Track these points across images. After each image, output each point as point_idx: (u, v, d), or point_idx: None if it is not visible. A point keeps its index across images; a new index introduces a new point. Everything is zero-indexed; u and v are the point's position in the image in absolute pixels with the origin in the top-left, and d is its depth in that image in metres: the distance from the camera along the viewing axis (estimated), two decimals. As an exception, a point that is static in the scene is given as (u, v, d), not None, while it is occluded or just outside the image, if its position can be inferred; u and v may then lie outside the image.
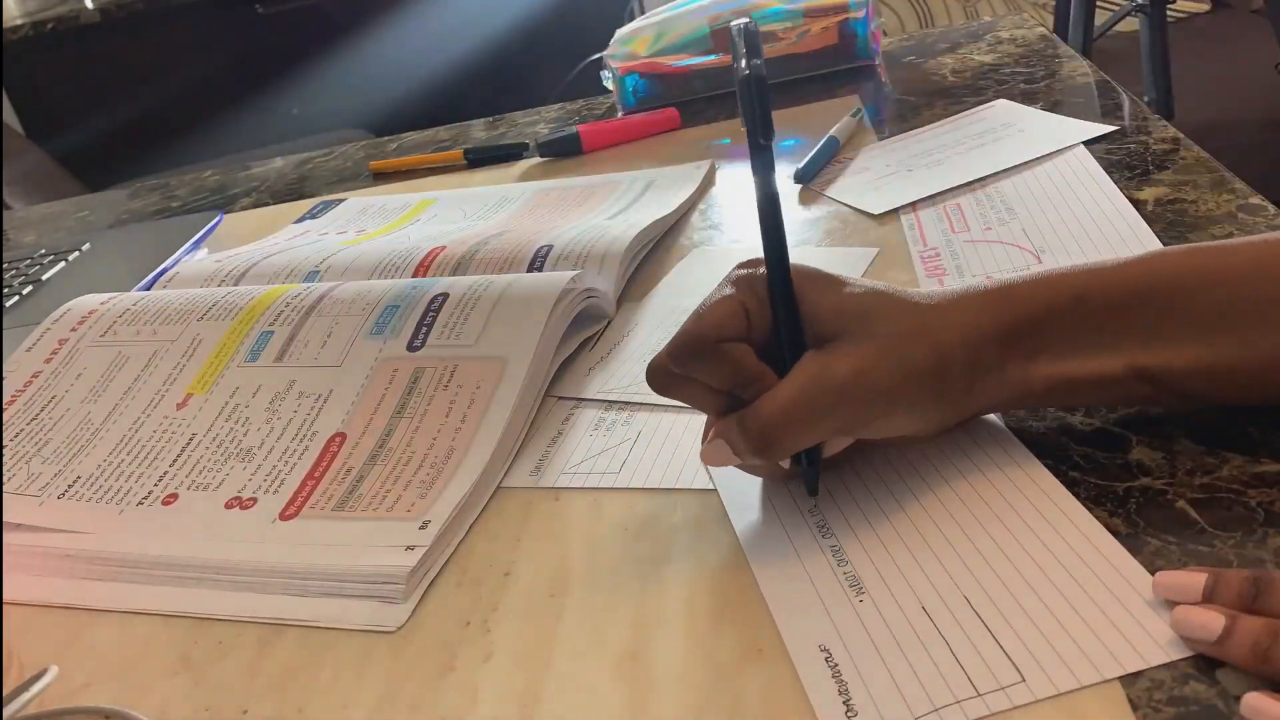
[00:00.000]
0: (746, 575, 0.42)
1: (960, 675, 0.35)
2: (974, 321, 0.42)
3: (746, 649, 0.38)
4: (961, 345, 0.42)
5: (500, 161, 0.99)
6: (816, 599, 0.40)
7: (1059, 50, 0.94)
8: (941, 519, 0.42)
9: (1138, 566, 0.37)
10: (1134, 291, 0.42)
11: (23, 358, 0.64)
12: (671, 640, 0.40)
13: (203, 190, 1.15)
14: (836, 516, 0.44)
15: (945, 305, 0.43)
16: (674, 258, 0.70)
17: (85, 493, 0.55)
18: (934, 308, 0.42)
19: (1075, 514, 0.40)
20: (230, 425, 0.57)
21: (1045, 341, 0.42)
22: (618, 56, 1.01)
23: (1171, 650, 0.34)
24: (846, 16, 0.97)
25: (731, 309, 0.42)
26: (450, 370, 0.56)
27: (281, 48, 2.43)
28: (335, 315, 0.61)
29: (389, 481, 0.51)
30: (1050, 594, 0.37)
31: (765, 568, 0.42)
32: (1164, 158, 0.67)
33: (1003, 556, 0.39)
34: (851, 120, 0.83)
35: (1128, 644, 0.34)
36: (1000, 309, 0.42)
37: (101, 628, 0.47)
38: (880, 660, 0.36)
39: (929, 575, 0.39)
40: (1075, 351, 0.42)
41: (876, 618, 0.38)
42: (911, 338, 0.41)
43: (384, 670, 0.42)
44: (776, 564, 0.42)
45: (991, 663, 0.35)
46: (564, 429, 0.54)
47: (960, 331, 0.42)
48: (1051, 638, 0.35)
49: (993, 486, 0.43)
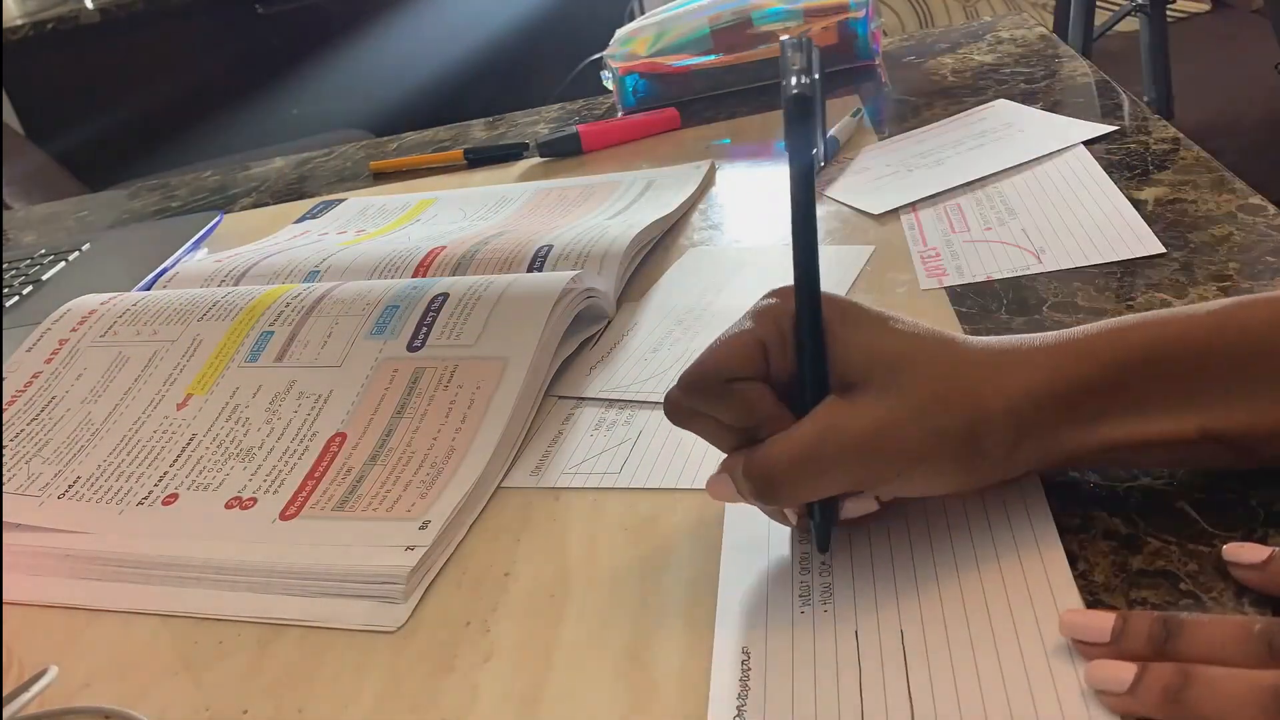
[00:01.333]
0: (746, 575, 0.42)
1: (855, 705, 0.35)
2: (1024, 385, 0.38)
3: (746, 649, 0.38)
4: (1005, 411, 0.38)
5: (500, 161, 0.99)
6: (762, 601, 0.40)
7: (1059, 50, 0.94)
8: (923, 556, 0.40)
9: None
10: (1211, 347, 0.37)
11: (23, 358, 0.64)
12: (671, 640, 0.40)
13: (203, 190, 1.15)
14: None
15: (992, 361, 0.39)
16: (674, 258, 0.70)
17: (85, 493, 0.55)
18: (978, 365, 0.38)
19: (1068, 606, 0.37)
20: (230, 425, 0.57)
21: (1108, 405, 0.38)
22: (618, 56, 1.01)
23: None
24: (846, 16, 0.97)
25: (746, 346, 0.39)
26: (450, 370, 0.56)
27: (281, 48, 2.43)
28: (335, 315, 0.61)
29: (389, 482, 0.51)
30: (991, 672, 0.35)
31: (732, 557, 0.42)
32: (1164, 158, 0.67)
33: (962, 614, 0.37)
34: (851, 120, 0.83)
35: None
36: (1058, 369, 0.38)
37: (101, 628, 0.47)
38: (791, 674, 0.36)
39: (878, 603, 0.38)
40: (1142, 414, 0.38)
41: (808, 632, 0.38)
42: (946, 400, 0.38)
43: (384, 670, 0.42)
44: (743, 556, 0.42)
45: (891, 704, 0.34)
46: (564, 429, 0.54)
47: (1006, 396, 0.38)
48: (965, 699, 0.34)
49: (993, 546, 0.40)
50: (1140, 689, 0.31)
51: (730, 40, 0.98)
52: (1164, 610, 0.35)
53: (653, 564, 0.44)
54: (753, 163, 0.85)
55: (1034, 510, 0.41)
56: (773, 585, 0.40)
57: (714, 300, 0.63)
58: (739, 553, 0.43)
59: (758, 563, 0.42)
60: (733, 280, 0.65)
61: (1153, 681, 0.31)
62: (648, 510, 0.47)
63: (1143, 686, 0.31)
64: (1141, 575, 0.37)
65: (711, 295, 0.64)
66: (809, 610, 0.39)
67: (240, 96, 2.34)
